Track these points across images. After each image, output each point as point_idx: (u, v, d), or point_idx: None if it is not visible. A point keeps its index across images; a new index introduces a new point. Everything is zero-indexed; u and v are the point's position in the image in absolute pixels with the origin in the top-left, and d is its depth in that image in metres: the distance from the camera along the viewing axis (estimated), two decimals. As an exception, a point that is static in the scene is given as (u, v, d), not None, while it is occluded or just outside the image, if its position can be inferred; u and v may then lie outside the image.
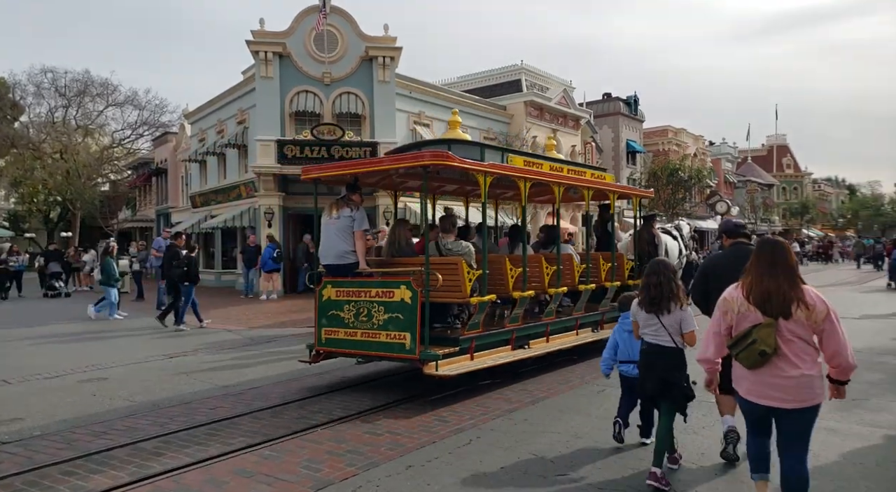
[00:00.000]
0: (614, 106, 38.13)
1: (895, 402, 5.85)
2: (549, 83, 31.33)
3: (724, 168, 49.04)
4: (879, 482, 3.98)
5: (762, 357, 3.17)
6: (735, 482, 4.01)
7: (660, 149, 40.71)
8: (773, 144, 67.49)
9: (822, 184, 77.96)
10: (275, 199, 19.08)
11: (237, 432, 5.23)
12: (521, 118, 25.98)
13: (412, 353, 6.04)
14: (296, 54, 19.30)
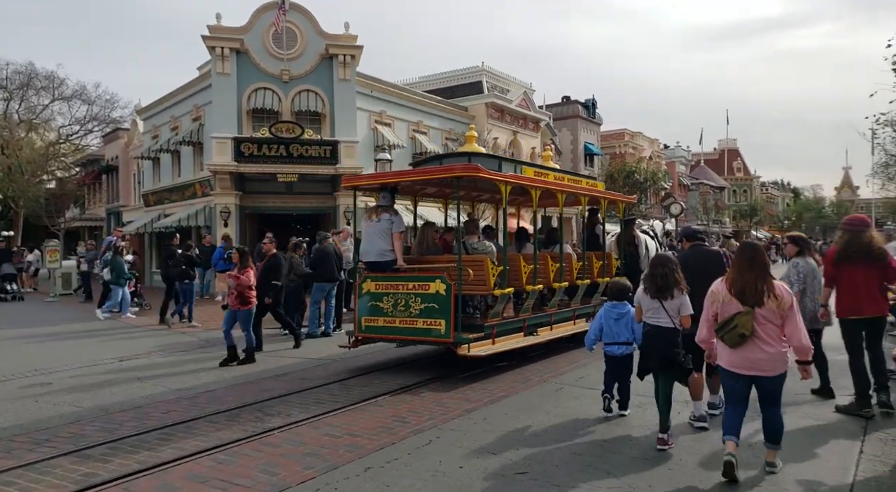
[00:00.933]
0: (573, 109, 38.77)
1: (837, 396, 6.11)
2: (510, 85, 31.61)
3: (678, 171, 50.46)
4: (819, 472, 4.15)
5: (742, 338, 4.01)
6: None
7: (617, 151, 41.59)
8: (724, 148, 69.82)
9: (770, 187, 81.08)
10: (231, 198, 18.66)
11: (191, 437, 5.09)
12: (483, 119, 26.11)
13: (447, 337, 6.98)
14: (253, 51, 18.93)
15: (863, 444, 4.70)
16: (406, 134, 22.71)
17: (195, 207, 19.94)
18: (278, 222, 19.66)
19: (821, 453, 4.52)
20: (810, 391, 6.11)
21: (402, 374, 7.54)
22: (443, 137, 24.61)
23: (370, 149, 20.24)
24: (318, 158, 18.56)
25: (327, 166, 18.69)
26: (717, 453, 4.34)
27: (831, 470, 4.18)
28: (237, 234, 18.52)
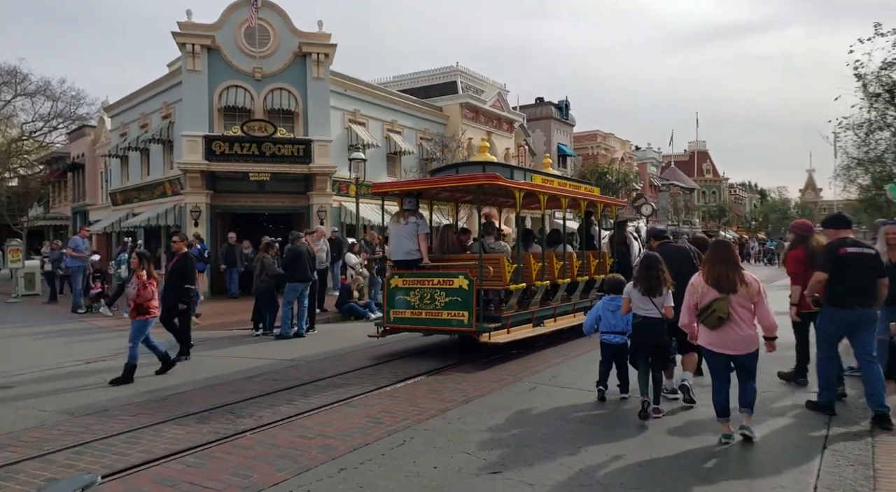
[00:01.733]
0: (546, 110, 39.08)
1: (800, 392, 6.28)
2: (484, 86, 31.75)
3: (649, 172, 51.28)
4: (783, 469, 4.26)
5: (720, 321, 4.71)
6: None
7: (589, 153, 42.07)
8: (694, 150, 71.21)
9: (738, 188, 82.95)
10: (202, 197, 18.33)
11: (160, 440, 4.99)
12: (457, 119, 26.16)
13: (470, 327, 7.87)
14: (225, 48, 18.64)
15: (826, 439, 4.83)
16: (380, 133, 22.62)
17: (165, 207, 19.54)
18: (250, 222, 19.42)
19: (784, 447, 4.64)
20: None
21: (376, 375, 7.50)
22: (417, 136, 24.57)
23: (344, 148, 20.11)
24: (290, 156, 18.36)
25: (300, 165, 18.50)
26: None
27: (795, 465, 4.29)
28: (208, 233, 18.21)
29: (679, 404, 5.79)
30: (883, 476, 4.03)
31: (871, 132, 16.74)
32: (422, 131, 24.88)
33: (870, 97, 15.99)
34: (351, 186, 18.30)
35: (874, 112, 16.22)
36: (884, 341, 6.40)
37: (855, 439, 4.83)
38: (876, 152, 17.31)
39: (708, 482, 3.99)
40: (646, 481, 4.04)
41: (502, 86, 32.46)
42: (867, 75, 15.79)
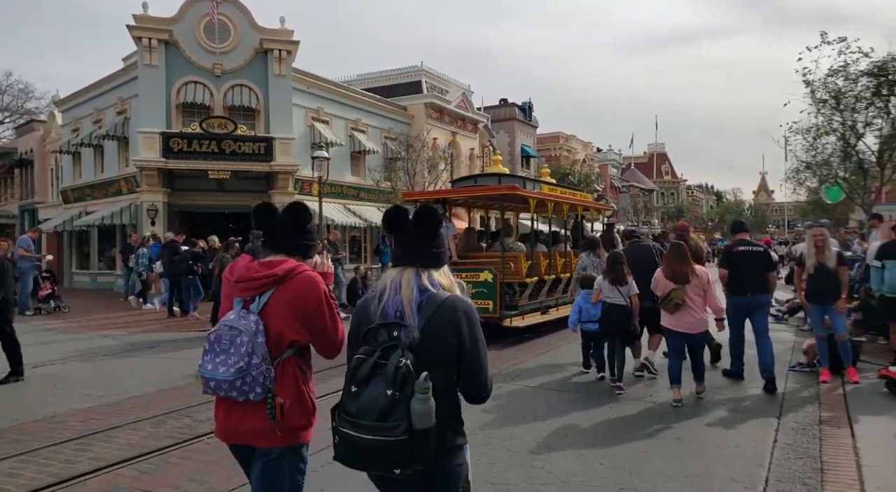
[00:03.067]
0: (510, 112, 39.39)
1: (751, 388, 6.47)
2: (449, 86, 31.81)
3: (610, 173, 52.23)
4: (736, 461, 4.39)
5: (677, 307, 5.82)
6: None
7: (552, 154, 42.61)
8: (653, 152, 72.91)
9: (695, 190, 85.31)
10: (159, 195, 17.85)
11: (111, 447, 4.82)
12: (422, 119, 26.12)
13: (494, 314, 9.31)
14: (184, 43, 18.17)
15: (777, 433, 5.00)
16: (344, 132, 22.42)
17: (120, 205, 18.94)
18: (210, 221, 18.98)
19: (738, 442, 4.78)
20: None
21: (339, 375, 7.41)
22: (382, 135, 24.44)
23: (307, 146, 19.86)
24: (251, 154, 18.02)
25: (261, 163, 18.19)
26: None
27: (747, 459, 4.43)
28: (165, 232, 17.72)
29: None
30: (829, 468, 4.19)
31: (819, 137, 17.39)
32: (386, 130, 24.75)
33: (817, 103, 16.63)
34: (314, 184, 18.07)
35: (821, 117, 16.88)
36: (822, 338, 6.69)
37: (803, 432, 5.01)
38: (823, 156, 17.99)
39: (668, 477, 4.07)
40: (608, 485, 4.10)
41: (467, 86, 32.58)
42: (815, 82, 16.42)
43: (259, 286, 2.27)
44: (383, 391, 1.82)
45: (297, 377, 2.29)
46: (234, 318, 2.24)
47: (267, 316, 2.24)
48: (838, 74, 16.07)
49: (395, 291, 2.03)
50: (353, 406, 1.88)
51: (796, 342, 9.03)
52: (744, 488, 3.90)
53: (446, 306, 1.99)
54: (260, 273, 2.28)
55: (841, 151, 17.35)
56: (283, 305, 2.25)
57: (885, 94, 15.58)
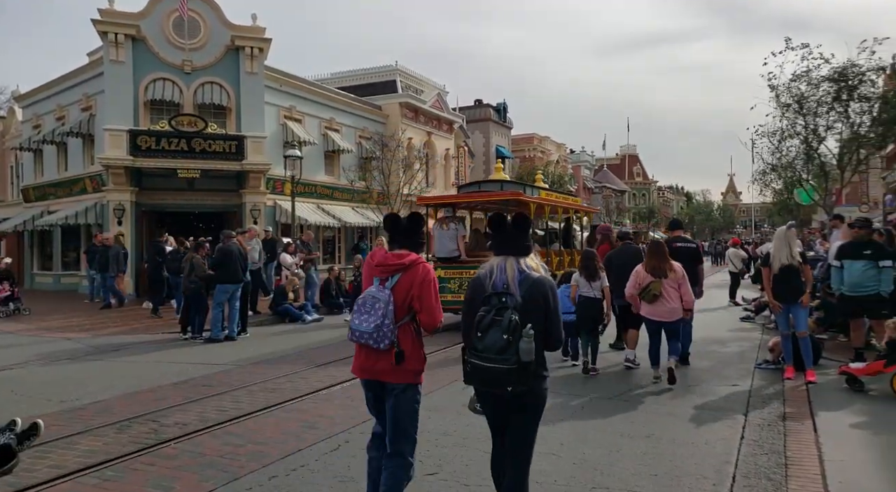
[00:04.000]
0: (485, 112, 39.56)
1: (720, 386, 6.61)
2: (424, 86, 31.77)
3: (583, 174, 52.83)
4: (705, 458, 4.47)
5: (654, 297, 6.67)
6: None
7: (526, 155, 42.91)
8: (625, 154, 74.01)
9: (666, 191, 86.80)
10: (126, 194, 17.42)
11: (73, 453, 4.67)
12: (397, 119, 26.03)
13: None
14: (152, 39, 17.78)
15: (744, 430, 5.10)
16: (318, 130, 22.21)
17: (84, 204, 18.44)
18: (179, 221, 18.62)
19: (707, 439, 4.86)
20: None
21: (311, 378, 7.34)
22: (356, 134, 24.29)
23: (279, 145, 19.61)
24: (222, 153, 17.72)
25: (233, 162, 17.90)
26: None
27: (716, 456, 4.51)
28: (133, 232, 17.33)
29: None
30: (793, 463, 4.28)
31: (784, 140, 17.85)
32: (361, 130, 24.60)
33: (782, 107, 17.06)
34: (286, 184, 17.86)
35: (785, 121, 17.33)
36: (787, 337, 6.87)
37: (769, 428, 5.12)
38: (787, 158, 18.47)
39: (639, 475, 4.12)
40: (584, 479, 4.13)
41: (442, 87, 32.59)
42: (779, 87, 16.85)
43: (392, 270, 3.22)
44: (500, 336, 2.78)
45: (413, 335, 3.26)
46: (374, 290, 3.20)
47: (395, 291, 3.17)
48: (801, 80, 16.51)
49: (500, 271, 2.98)
50: (480, 345, 2.84)
51: (762, 340, 9.24)
52: (712, 485, 3.96)
53: (538, 282, 2.95)
54: (393, 262, 3.22)
55: (804, 154, 17.83)
56: (406, 284, 3.19)
57: (844, 100, 16.05)
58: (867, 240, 7.39)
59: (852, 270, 7.29)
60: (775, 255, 6.80)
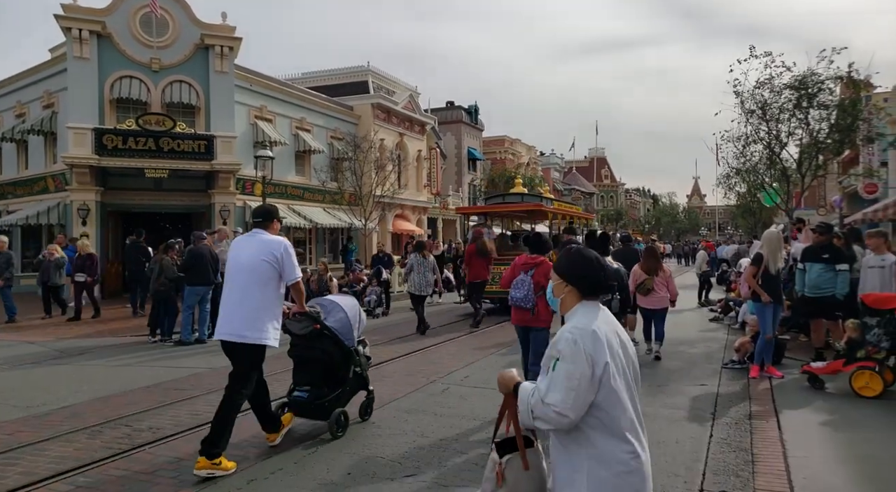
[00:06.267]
0: (457, 114, 39.69)
1: (689, 386, 6.80)
2: (396, 87, 31.72)
3: (553, 177, 53.41)
4: (676, 456, 4.61)
5: (647, 291, 8.27)
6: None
7: (497, 157, 43.21)
8: (594, 157, 75.08)
9: (633, 194, 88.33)
10: (91, 194, 16.98)
11: (43, 460, 4.57)
12: (369, 120, 25.96)
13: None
14: (118, 35, 17.38)
15: (712, 428, 5.27)
16: (289, 130, 22.01)
17: (46, 204, 17.91)
18: (147, 221, 18.21)
19: (677, 438, 5.02)
20: None
21: (287, 381, 7.28)
22: (328, 135, 24.14)
23: (249, 145, 19.39)
24: (191, 153, 17.42)
25: (202, 162, 17.61)
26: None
27: (686, 454, 4.65)
28: (98, 233, 16.89)
29: None
30: (760, 460, 4.45)
31: (748, 145, 18.39)
32: (332, 130, 24.46)
33: (746, 113, 17.59)
34: (257, 184, 17.65)
35: (750, 126, 17.86)
36: (770, 340, 7.06)
37: (736, 427, 5.31)
38: (751, 163, 19.04)
39: (610, 473, 4.23)
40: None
41: (414, 88, 32.59)
42: (744, 93, 17.36)
43: (532, 265, 5.78)
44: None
45: (543, 301, 5.34)
46: (522, 276, 5.72)
47: (534, 277, 5.66)
48: (764, 86, 17.04)
49: None
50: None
51: (728, 341, 9.53)
52: (683, 482, 4.09)
53: (615, 271, 6.15)
54: (532, 261, 5.84)
55: (767, 159, 18.41)
56: (540, 273, 5.66)
57: (804, 107, 16.62)
58: (827, 244, 7.71)
59: (812, 272, 7.60)
60: (771, 257, 6.94)
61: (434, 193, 33.64)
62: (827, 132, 17.00)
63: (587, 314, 2.10)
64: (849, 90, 16.88)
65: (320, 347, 5.05)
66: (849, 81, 16.46)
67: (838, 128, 16.68)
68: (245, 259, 4.52)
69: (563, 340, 2.01)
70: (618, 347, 2.05)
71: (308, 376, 5.16)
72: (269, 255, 4.45)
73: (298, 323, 5.00)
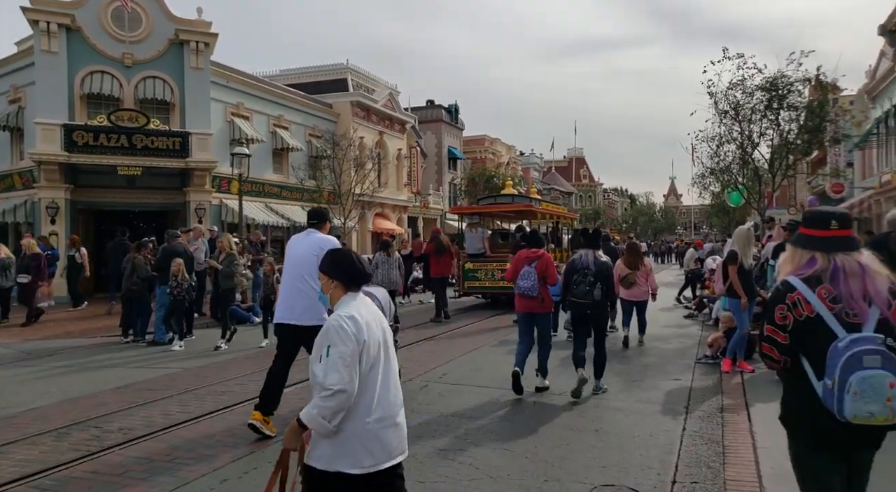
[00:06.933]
0: (437, 113, 39.63)
1: (664, 381, 6.89)
2: (376, 86, 31.56)
3: (532, 176, 53.69)
4: (650, 449, 4.66)
5: (630, 284, 9.00)
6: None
7: (478, 156, 43.26)
8: (572, 157, 75.68)
9: (611, 193, 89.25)
10: (60, 191, 16.57)
11: (7, 463, 4.45)
12: (348, 118, 25.79)
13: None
14: (88, 29, 17.00)
15: (685, 421, 5.35)
16: (266, 128, 21.76)
17: (13, 201, 17.45)
18: (120, 219, 17.85)
19: (651, 432, 5.08)
20: None
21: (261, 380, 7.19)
22: (306, 133, 23.93)
23: (226, 142, 19.11)
24: (166, 150, 17.12)
25: (177, 159, 17.32)
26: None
27: (660, 447, 4.71)
28: (67, 232, 16.51)
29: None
30: (731, 452, 4.53)
31: (721, 145, 18.72)
32: (311, 128, 24.25)
33: (720, 113, 17.89)
34: (233, 182, 17.42)
35: (723, 127, 18.18)
36: (745, 335, 7.18)
37: (708, 420, 5.39)
38: (725, 163, 19.39)
39: (588, 468, 4.26)
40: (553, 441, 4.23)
41: (394, 86, 32.46)
42: (717, 94, 17.66)
43: (534, 259, 6.32)
44: (584, 288, 6.13)
45: (546, 289, 6.31)
46: (528, 267, 6.27)
47: (536, 268, 6.25)
48: (737, 88, 17.36)
49: (586, 256, 6.27)
50: (576, 291, 6.17)
51: (702, 336, 9.67)
52: (657, 474, 4.14)
53: (605, 263, 6.29)
54: (534, 254, 6.38)
55: (740, 159, 18.74)
56: (541, 266, 6.25)
57: (775, 108, 16.98)
58: (795, 241, 7.88)
59: None
60: (742, 252, 7.04)
61: (414, 192, 33.58)
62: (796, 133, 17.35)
63: (350, 303, 2.43)
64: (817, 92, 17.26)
65: None
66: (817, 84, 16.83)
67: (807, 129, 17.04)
68: (299, 253, 5.24)
69: (331, 328, 2.31)
70: (376, 329, 2.42)
71: None
72: (319, 249, 4.98)
73: None
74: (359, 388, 2.30)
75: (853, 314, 2.18)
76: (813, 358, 2.23)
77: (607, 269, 6.24)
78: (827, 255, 2.30)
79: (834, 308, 2.20)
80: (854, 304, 2.19)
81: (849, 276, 2.22)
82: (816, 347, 2.19)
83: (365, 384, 2.33)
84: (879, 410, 2.05)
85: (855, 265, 2.24)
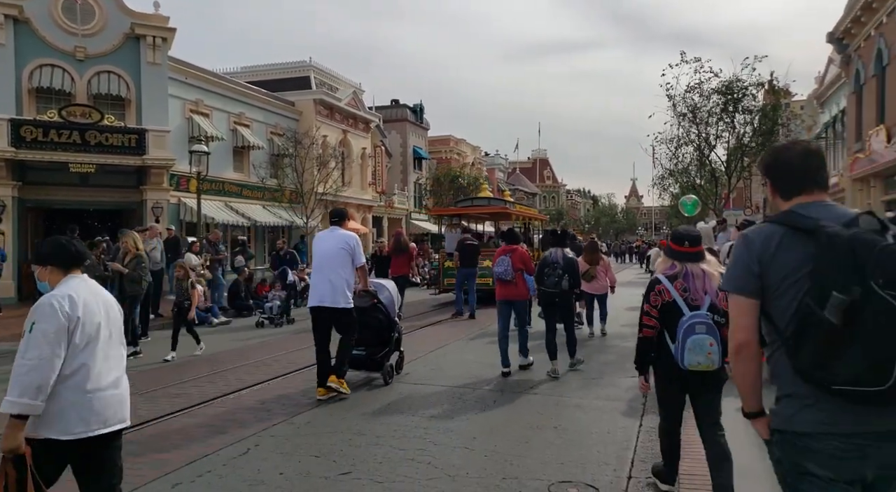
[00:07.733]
0: (402, 113, 39.53)
1: (623, 378, 6.99)
2: (339, 84, 31.27)
3: (497, 177, 54.04)
4: (608, 446, 4.74)
5: (590, 279, 9.52)
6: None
7: (443, 157, 43.30)
8: (536, 158, 76.48)
9: (574, 194, 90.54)
10: (8, 189, 15.89)
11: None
12: (311, 116, 25.48)
13: (493, 287, 10.32)
14: (37, 21, 16.35)
15: (642, 418, 5.45)
16: (226, 126, 21.33)
17: (-44, 199, 16.64)
18: (72, 218, 17.22)
19: (609, 429, 5.16)
20: None
21: (219, 382, 7.05)
22: (268, 131, 23.54)
23: (184, 139, 18.64)
24: (121, 147, 16.60)
25: (133, 157, 16.81)
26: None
27: (617, 443, 4.79)
28: (14, 231, 15.85)
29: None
30: (685, 446, 4.61)
31: (679, 147, 19.21)
32: (272, 126, 23.87)
33: (678, 116, 18.36)
34: (192, 180, 17.03)
35: (681, 129, 18.66)
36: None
37: (664, 415, 5.51)
38: (683, 164, 19.90)
39: (547, 464, 4.30)
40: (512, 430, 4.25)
41: (358, 85, 32.22)
42: (675, 97, 18.11)
43: (509, 251, 7.31)
44: (554, 280, 6.93)
45: (522, 278, 7.27)
46: (503, 258, 7.22)
47: (511, 259, 7.18)
48: (694, 91, 17.84)
49: (555, 253, 7.10)
50: (547, 282, 6.99)
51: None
52: (613, 470, 4.21)
53: (571, 259, 7.20)
54: (509, 248, 7.39)
55: (697, 161, 19.26)
56: (516, 258, 7.24)
57: (731, 111, 17.51)
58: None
59: None
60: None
61: (379, 192, 33.41)
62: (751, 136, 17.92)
63: (68, 283, 2.59)
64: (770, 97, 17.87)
65: (374, 316, 6.64)
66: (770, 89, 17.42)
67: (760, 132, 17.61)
68: (328, 248, 6.14)
69: (41, 306, 2.47)
70: (97, 308, 2.59)
71: (365, 338, 6.52)
72: (345, 244, 6.08)
73: (361, 298, 6.46)
74: (75, 361, 2.45)
75: (695, 300, 3.41)
76: (669, 328, 3.43)
77: (573, 263, 7.14)
78: (682, 262, 3.51)
79: (684, 296, 3.42)
80: (696, 294, 3.42)
81: (694, 277, 3.44)
82: (672, 321, 3.41)
83: (80, 358, 2.48)
84: (702, 360, 3.28)
85: (699, 270, 3.46)
